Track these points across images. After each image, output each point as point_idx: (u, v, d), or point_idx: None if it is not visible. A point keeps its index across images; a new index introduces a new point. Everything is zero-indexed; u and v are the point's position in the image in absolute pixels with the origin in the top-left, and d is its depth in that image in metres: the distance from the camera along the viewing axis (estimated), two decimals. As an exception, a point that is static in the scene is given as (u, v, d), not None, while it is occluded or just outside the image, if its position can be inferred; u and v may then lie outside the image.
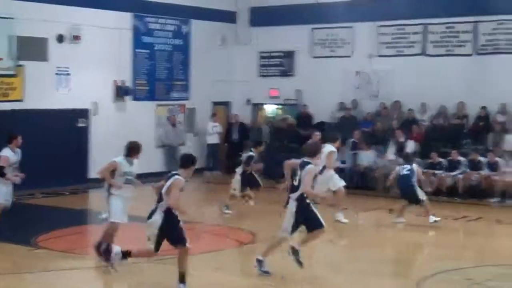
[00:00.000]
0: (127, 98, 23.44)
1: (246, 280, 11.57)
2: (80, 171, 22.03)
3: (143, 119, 23.82)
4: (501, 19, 22.05)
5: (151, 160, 23.82)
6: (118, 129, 22.69)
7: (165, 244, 10.49)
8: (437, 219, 15.90)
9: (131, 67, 23.70)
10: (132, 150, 12.13)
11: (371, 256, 13.48)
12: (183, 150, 24.52)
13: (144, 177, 22.73)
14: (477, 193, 19.56)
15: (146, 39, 24.13)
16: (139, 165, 12.39)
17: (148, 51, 24.19)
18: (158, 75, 24.52)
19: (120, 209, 12.03)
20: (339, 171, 21.66)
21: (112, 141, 22.50)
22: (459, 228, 16.57)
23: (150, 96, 24.30)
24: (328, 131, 22.59)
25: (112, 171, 11.98)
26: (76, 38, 21.80)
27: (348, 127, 23.39)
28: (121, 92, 23.19)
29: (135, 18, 23.77)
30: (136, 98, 23.75)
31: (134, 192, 12.23)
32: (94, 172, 22.16)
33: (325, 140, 16.35)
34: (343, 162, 21.98)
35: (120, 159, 12.05)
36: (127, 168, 12.04)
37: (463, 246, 14.79)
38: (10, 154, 13.48)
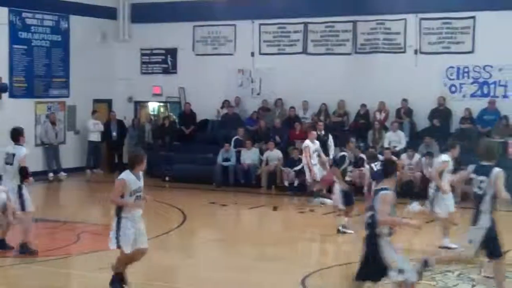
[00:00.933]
0: (4, 95, 22.67)
1: (130, 280, 11.38)
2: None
3: (21, 117, 22.96)
4: (379, 19, 22.58)
5: (30, 159, 23.12)
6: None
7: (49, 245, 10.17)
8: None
9: (8, 63, 22.95)
10: (135, 161, 10.26)
11: (254, 253, 13.52)
12: (63, 148, 24.10)
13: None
14: (359, 189, 19.84)
15: (23, 34, 23.43)
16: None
17: (25, 47, 23.48)
18: (37, 71, 23.84)
19: (131, 235, 10.15)
20: (223, 169, 21.96)
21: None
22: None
23: (29, 93, 23.60)
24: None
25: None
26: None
27: (231, 125, 23.49)
28: (-4, 89, 22.44)
29: (11, 13, 23.03)
30: (13, 95, 23.01)
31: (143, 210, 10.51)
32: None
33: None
34: (227, 159, 22.08)
35: (126, 175, 10.16)
36: (136, 184, 10.18)
37: (345, 241, 15.00)
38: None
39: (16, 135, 12.90)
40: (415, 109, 22.03)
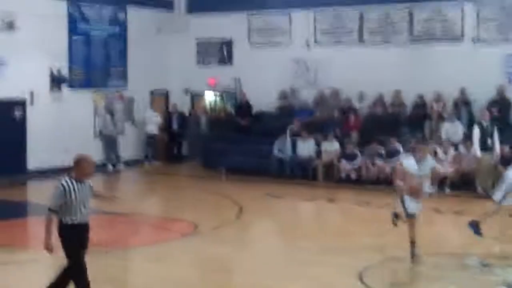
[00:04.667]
0: (64, 87, 23.01)
1: (187, 271, 11.52)
2: (18, 162, 21.51)
3: (80, 108, 23.43)
4: (436, 7, 22.29)
5: (89, 149, 23.46)
6: (55, 118, 22.43)
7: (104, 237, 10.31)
8: None
9: (67, 55, 23.26)
10: None
11: (311, 246, 13.52)
12: (122, 139, 24.39)
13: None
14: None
15: (82, 26, 23.73)
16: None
17: (84, 38, 23.79)
18: (95, 62, 24.14)
19: None
20: (279, 161, 21.95)
21: (49, 131, 22.23)
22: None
23: (87, 84, 23.86)
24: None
25: None
26: (10, 25, 21.32)
27: (287, 116, 23.44)
28: (56, 80, 22.76)
29: (70, 4, 23.34)
30: (72, 86, 23.31)
31: None
32: (32, 163, 21.91)
33: None
34: (283, 151, 22.05)
35: None
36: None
37: (403, 235, 14.90)
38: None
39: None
40: (473, 99, 21.70)
